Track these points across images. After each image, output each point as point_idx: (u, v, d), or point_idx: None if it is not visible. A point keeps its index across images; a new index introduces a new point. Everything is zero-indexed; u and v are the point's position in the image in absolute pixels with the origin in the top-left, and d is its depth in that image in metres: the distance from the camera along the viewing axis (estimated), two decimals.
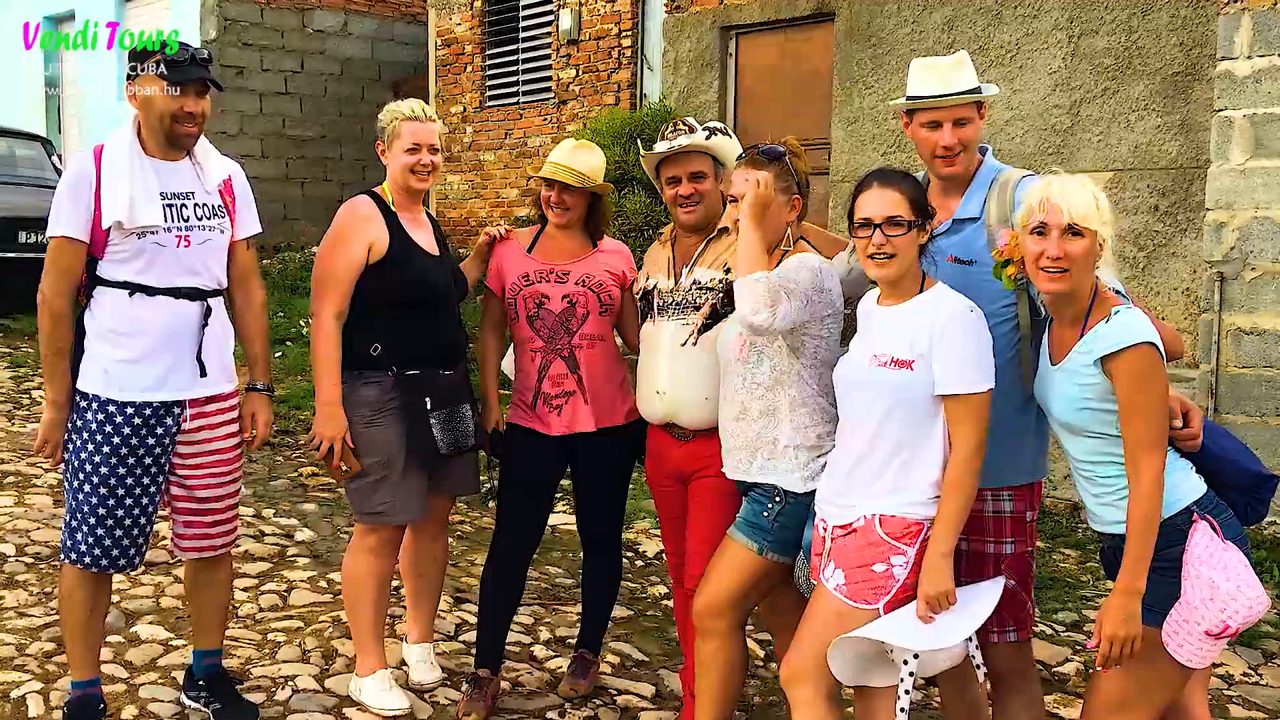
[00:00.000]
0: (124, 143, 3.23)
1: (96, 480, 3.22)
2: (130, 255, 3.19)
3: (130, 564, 3.34)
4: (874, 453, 2.79)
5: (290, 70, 13.69)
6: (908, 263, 2.81)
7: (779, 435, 3.10)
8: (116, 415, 3.22)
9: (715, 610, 3.13)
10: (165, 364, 3.25)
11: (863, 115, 8.12)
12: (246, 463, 6.53)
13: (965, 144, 2.97)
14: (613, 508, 3.91)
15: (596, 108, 10.33)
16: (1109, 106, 6.99)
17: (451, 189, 12.21)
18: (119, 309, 3.21)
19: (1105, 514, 2.71)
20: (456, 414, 3.55)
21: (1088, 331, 2.64)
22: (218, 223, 3.34)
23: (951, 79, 2.96)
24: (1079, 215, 2.59)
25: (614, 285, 3.73)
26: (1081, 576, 5.34)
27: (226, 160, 3.44)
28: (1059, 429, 2.77)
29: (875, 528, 2.76)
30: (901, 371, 2.74)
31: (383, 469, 3.52)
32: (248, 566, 4.88)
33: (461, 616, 4.53)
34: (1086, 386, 2.62)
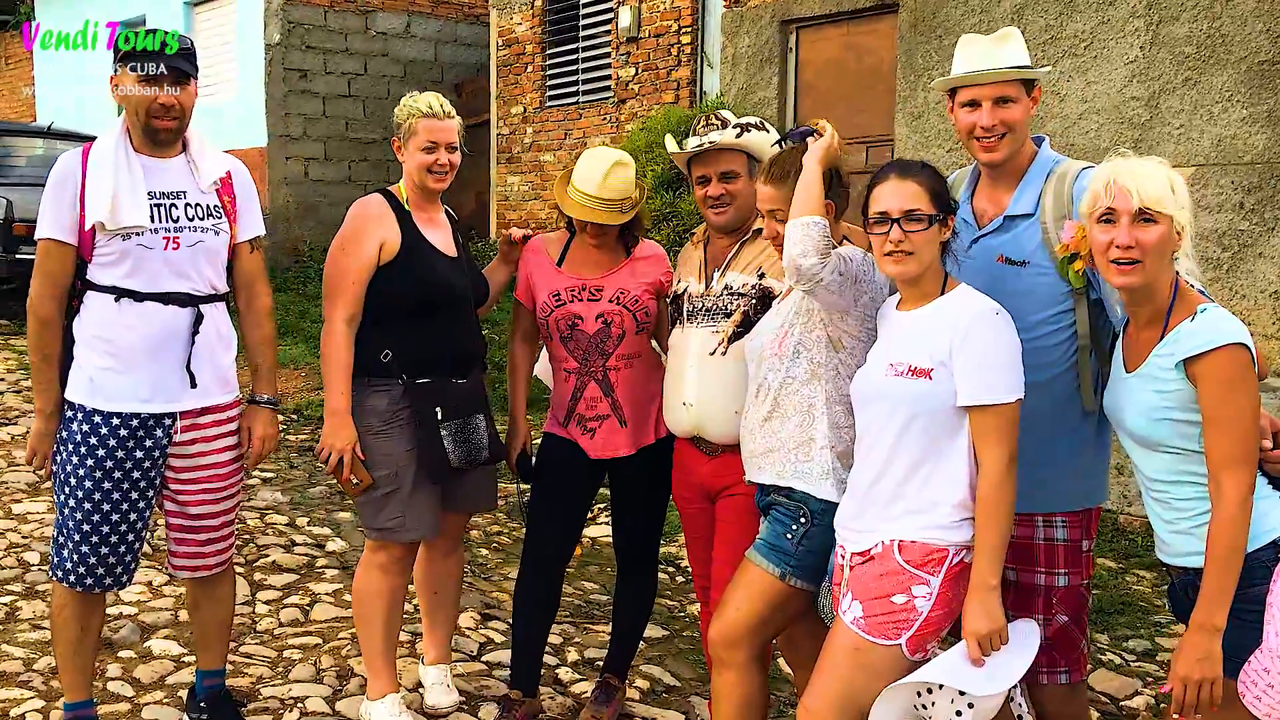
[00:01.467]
0: (112, 140, 3.07)
1: (81, 495, 3.07)
2: (116, 258, 3.03)
3: (118, 583, 3.18)
4: (891, 470, 2.53)
5: (353, 73, 13.68)
6: (927, 261, 2.54)
7: (815, 434, 2.84)
8: (102, 426, 3.06)
9: (731, 639, 2.87)
10: (152, 374, 3.08)
11: (928, 110, 7.79)
12: (287, 469, 6.50)
13: (1009, 126, 2.67)
14: (650, 526, 3.69)
15: (656, 106, 10.10)
16: (1190, 98, 6.57)
17: (512, 190, 12.08)
18: (105, 315, 3.05)
19: (1179, 543, 2.40)
20: (469, 425, 3.34)
21: (1169, 331, 2.34)
22: (212, 224, 3.16)
23: (994, 54, 2.67)
24: (1151, 199, 2.29)
25: (650, 299, 3.49)
26: (1156, 600, 4.97)
27: (225, 157, 3.26)
28: (1131, 444, 2.47)
29: (894, 555, 2.49)
30: (919, 381, 2.48)
31: (392, 482, 3.32)
32: (274, 578, 4.74)
33: (487, 635, 4.32)
34: (1167, 394, 2.33)
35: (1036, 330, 2.67)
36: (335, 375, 3.27)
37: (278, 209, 13.17)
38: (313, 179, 13.44)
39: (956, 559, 2.48)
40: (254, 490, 6.03)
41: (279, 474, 6.39)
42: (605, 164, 3.36)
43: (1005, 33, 2.73)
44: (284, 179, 13.24)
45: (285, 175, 13.24)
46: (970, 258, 2.74)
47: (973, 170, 2.87)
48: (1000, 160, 2.71)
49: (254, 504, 5.78)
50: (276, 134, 13.14)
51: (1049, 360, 2.66)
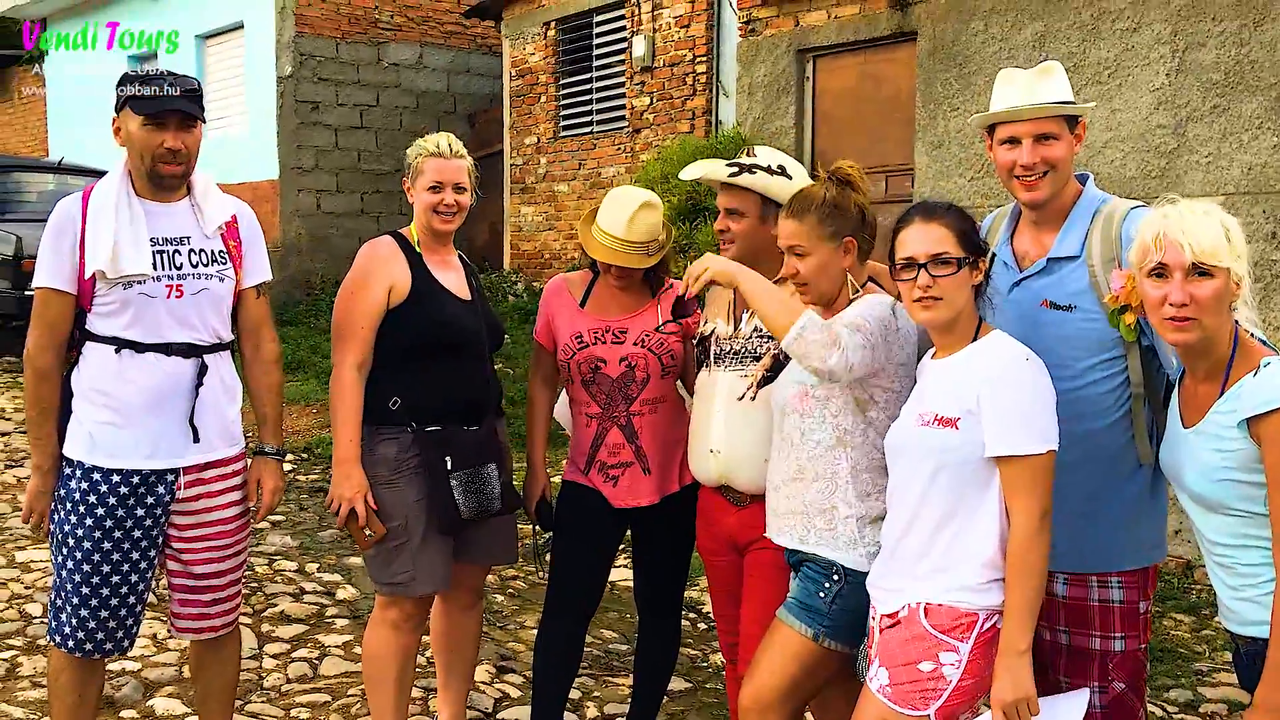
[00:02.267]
0: (113, 184, 2.94)
1: (80, 555, 2.92)
2: (117, 308, 2.89)
3: (118, 648, 3.03)
4: (917, 525, 2.41)
5: (366, 104, 13.62)
6: (959, 306, 2.41)
7: (838, 504, 2.70)
8: (101, 484, 2.91)
9: (763, 705, 2.71)
10: (153, 428, 2.94)
11: (948, 139, 7.65)
12: (297, 511, 6.35)
13: (1051, 164, 2.53)
14: (674, 576, 3.55)
15: (670, 136, 10.00)
16: (1219, 125, 6.42)
17: (525, 220, 11.98)
18: (104, 367, 2.91)
19: (1245, 611, 2.23)
20: (480, 475, 3.19)
21: (1230, 385, 2.18)
22: (217, 270, 3.02)
23: (1034, 89, 2.53)
24: (1205, 252, 2.14)
25: (676, 341, 3.35)
26: (1196, 646, 4.78)
27: (230, 200, 3.13)
28: (1191, 504, 2.31)
29: (920, 620, 2.36)
30: (945, 431, 2.35)
31: (401, 534, 3.17)
32: (282, 629, 4.59)
33: (503, 689, 4.16)
34: (1228, 453, 2.17)
35: (1084, 378, 2.52)
36: (343, 423, 3.15)
37: (289, 241, 13.09)
38: (325, 211, 13.37)
39: (988, 624, 2.35)
40: (262, 535, 5.88)
41: (288, 517, 6.25)
42: (632, 206, 3.23)
43: (1046, 66, 2.59)
44: (296, 211, 13.17)
45: (297, 207, 13.17)
46: (1012, 302, 2.59)
47: (1013, 210, 2.73)
48: (1042, 200, 2.57)
49: (262, 549, 5.63)
50: (288, 166, 13.07)
51: (1099, 409, 2.51)
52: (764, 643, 2.78)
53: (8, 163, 12.64)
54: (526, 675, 4.27)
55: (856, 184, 2.80)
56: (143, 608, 3.06)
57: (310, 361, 10.15)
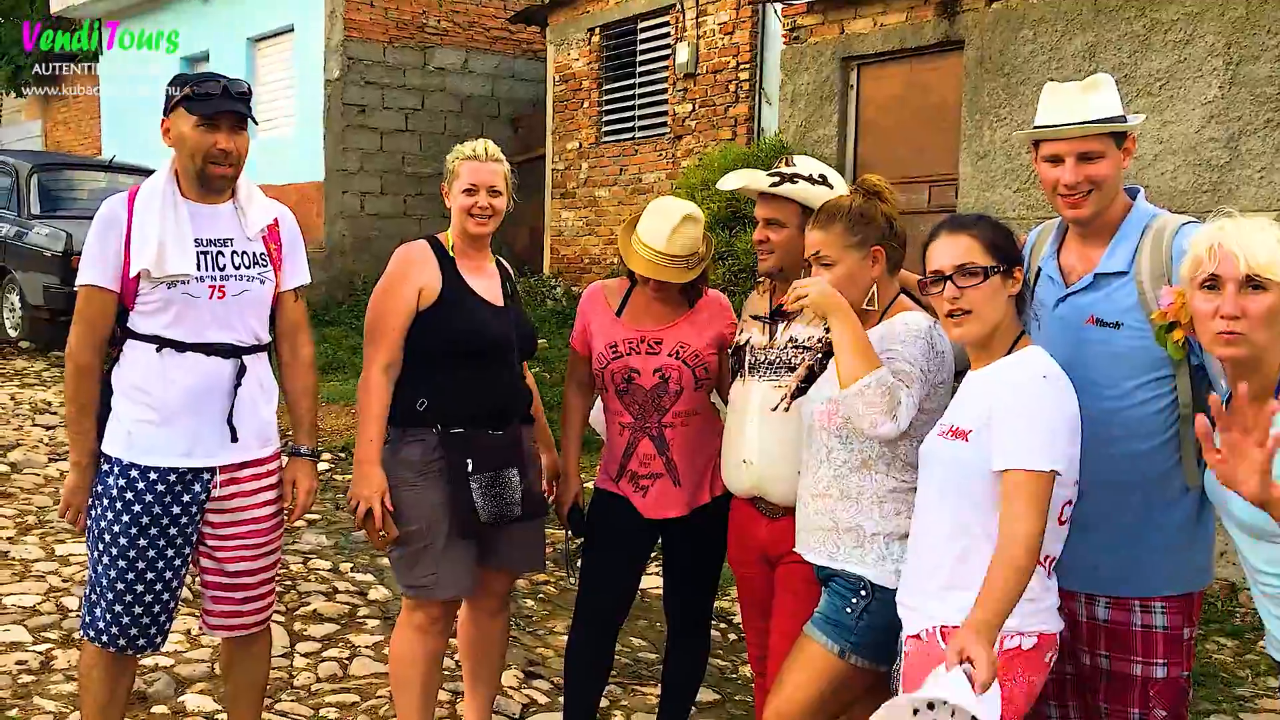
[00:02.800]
0: (159, 184, 2.97)
1: (116, 552, 2.94)
2: (159, 307, 2.91)
3: (151, 644, 3.04)
4: (932, 539, 2.38)
5: (411, 108, 13.71)
6: (991, 320, 2.36)
7: (864, 523, 2.68)
8: (139, 481, 2.93)
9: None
10: (192, 427, 2.95)
11: (994, 149, 7.56)
12: (333, 510, 6.38)
13: (1096, 183, 2.47)
14: (704, 588, 3.52)
15: (712, 143, 9.97)
16: (1272, 140, 6.29)
17: (566, 225, 12.00)
18: (145, 365, 2.93)
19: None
20: (500, 479, 3.17)
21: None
22: (258, 272, 3.04)
23: (1079, 105, 2.46)
24: (1260, 264, 2.08)
25: (712, 353, 3.32)
26: (1239, 671, 4.67)
27: (273, 204, 3.15)
28: (1238, 532, 2.24)
29: (939, 643, 2.30)
30: (956, 443, 2.32)
31: (424, 537, 3.17)
32: (314, 629, 4.60)
33: (531, 695, 4.13)
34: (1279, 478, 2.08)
35: (1131, 398, 2.46)
36: (366, 424, 3.17)
37: (334, 243, 13.20)
38: (368, 213, 13.47)
39: (1010, 645, 2.27)
40: (298, 533, 5.90)
41: (324, 516, 6.27)
42: (674, 219, 3.20)
43: (1094, 80, 2.53)
44: (340, 212, 13.28)
45: (341, 209, 13.28)
46: (1057, 318, 2.54)
47: (1060, 223, 2.67)
48: (1087, 218, 2.51)
49: (297, 547, 5.65)
50: (334, 169, 13.19)
51: (1146, 431, 2.45)
52: (790, 658, 2.74)
53: (60, 160, 12.84)
54: (554, 681, 4.25)
55: (884, 194, 2.77)
56: (176, 605, 3.07)
57: (351, 362, 10.21)
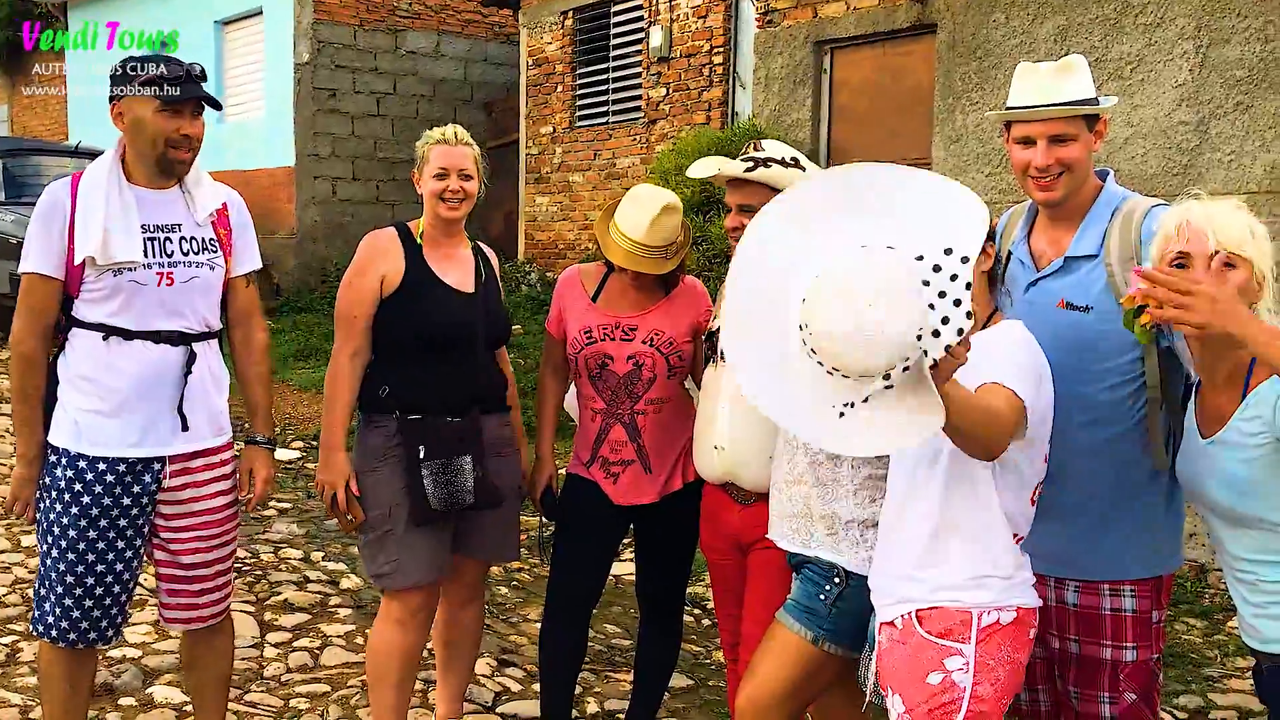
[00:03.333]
0: (104, 169, 2.89)
1: (66, 544, 2.88)
2: (106, 294, 2.85)
3: (103, 638, 2.99)
4: (908, 517, 2.33)
5: (383, 92, 13.60)
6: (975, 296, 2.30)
7: (839, 510, 2.66)
8: (87, 472, 2.87)
9: (759, 707, 2.66)
10: (142, 416, 2.90)
11: (966, 133, 7.57)
12: (304, 499, 6.33)
13: (1067, 166, 2.45)
14: (676, 574, 3.51)
15: (686, 127, 9.93)
16: (1242, 123, 6.32)
17: (540, 210, 11.94)
18: (92, 354, 2.87)
19: (1268, 629, 2.17)
20: (452, 466, 3.13)
21: (1251, 391, 2.10)
22: (208, 258, 2.99)
23: (1052, 87, 2.45)
24: (1230, 241, 2.08)
25: (686, 342, 3.30)
26: (1208, 652, 4.71)
27: (221, 188, 3.09)
28: (1213, 519, 2.23)
29: (915, 629, 2.27)
30: None
31: (384, 523, 3.16)
32: (285, 618, 4.56)
33: (504, 683, 4.11)
34: (1254, 461, 2.09)
35: (1102, 380, 2.45)
36: (331, 410, 3.20)
37: (305, 229, 13.09)
38: (340, 198, 13.36)
39: (989, 620, 2.25)
40: (269, 522, 5.86)
41: (295, 505, 6.23)
42: (653, 210, 3.17)
43: (1067, 62, 2.51)
44: (312, 198, 13.16)
45: (313, 194, 13.17)
46: (1027, 302, 2.52)
47: (1030, 207, 2.65)
48: (1057, 200, 2.50)
49: (268, 537, 5.61)
50: (305, 153, 13.06)
51: (1116, 414, 2.44)
52: (763, 644, 2.72)
53: (25, 146, 12.65)
54: (528, 669, 4.24)
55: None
56: (129, 598, 3.02)
57: (324, 349, 10.13)
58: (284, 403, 8.63)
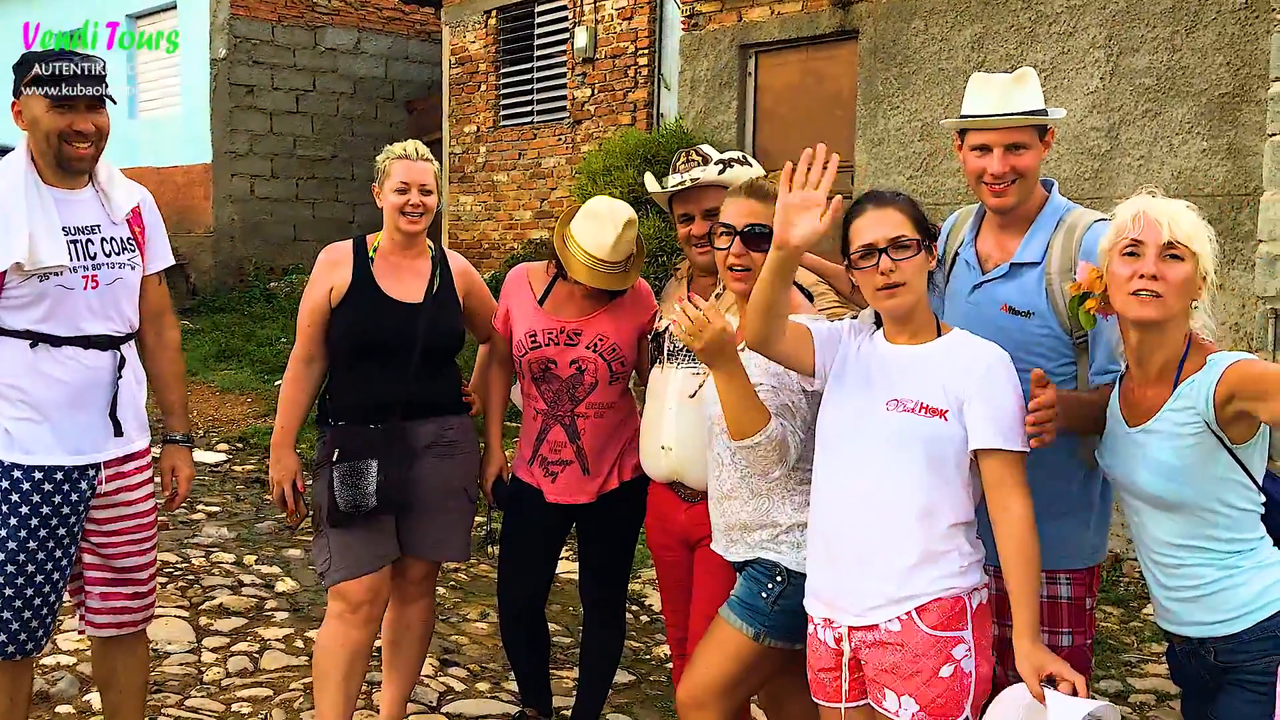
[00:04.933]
0: (18, 171, 2.81)
1: (4, 556, 2.82)
2: (30, 300, 2.79)
3: (37, 647, 2.94)
4: (893, 518, 2.35)
5: (302, 89, 13.42)
6: (920, 291, 2.40)
7: (778, 518, 2.71)
8: (23, 482, 2.82)
9: (700, 701, 2.73)
10: (75, 423, 2.87)
11: (888, 137, 7.75)
12: (234, 502, 6.25)
13: (1021, 173, 2.57)
14: (617, 572, 3.58)
15: (612, 128, 9.99)
16: (1150, 129, 6.58)
17: (465, 210, 11.89)
18: (19, 362, 2.81)
19: (1182, 612, 2.28)
20: (356, 469, 3.19)
21: (1183, 382, 2.21)
22: (128, 258, 2.96)
23: (1010, 96, 2.56)
24: (1182, 233, 2.19)
25: (629, 348, 3.37)
26: (1125, 638, 4.91)
27: (135, 186, 3.06)
28: (1140, 506, 2.33)
29: (918, 626, 2.32)
30: (933, 420, 2.32)
31: (317, 523, 3.28)
32: (220, 623, 4.52)
33: (447, 683, 4.13)
34: (1185, 450, 2.19)
35: None
36: (281, 409, 3.37)
37: (222, 227, 12.86)
38: (259, 196, 13.15)
39: (976, 603, 2.36)
40: (198, 526, 5.78)
41: (224, 508, 6.15)
42: (617, 227, 3.21)
43: (1022, 74, 2.62)
44: (229, 196, 12.94)
45: (230, 192, 12.94)
46: (972, 303, 2.63)
47: (978, 210, 2.76)
48: (1009, 206, 2.61)
49: (198, 540, 5.54)
50: (222, 150, 12.84)
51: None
52: (704, 640, 2.79)
53: None
54: (470, 669, 4.26)
55: None
56: (60, 605, 2.98)
57: (244, 350, 9.99)
58: (207, 405, 8.50)
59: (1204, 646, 2.24)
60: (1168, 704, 4.23)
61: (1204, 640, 2.23)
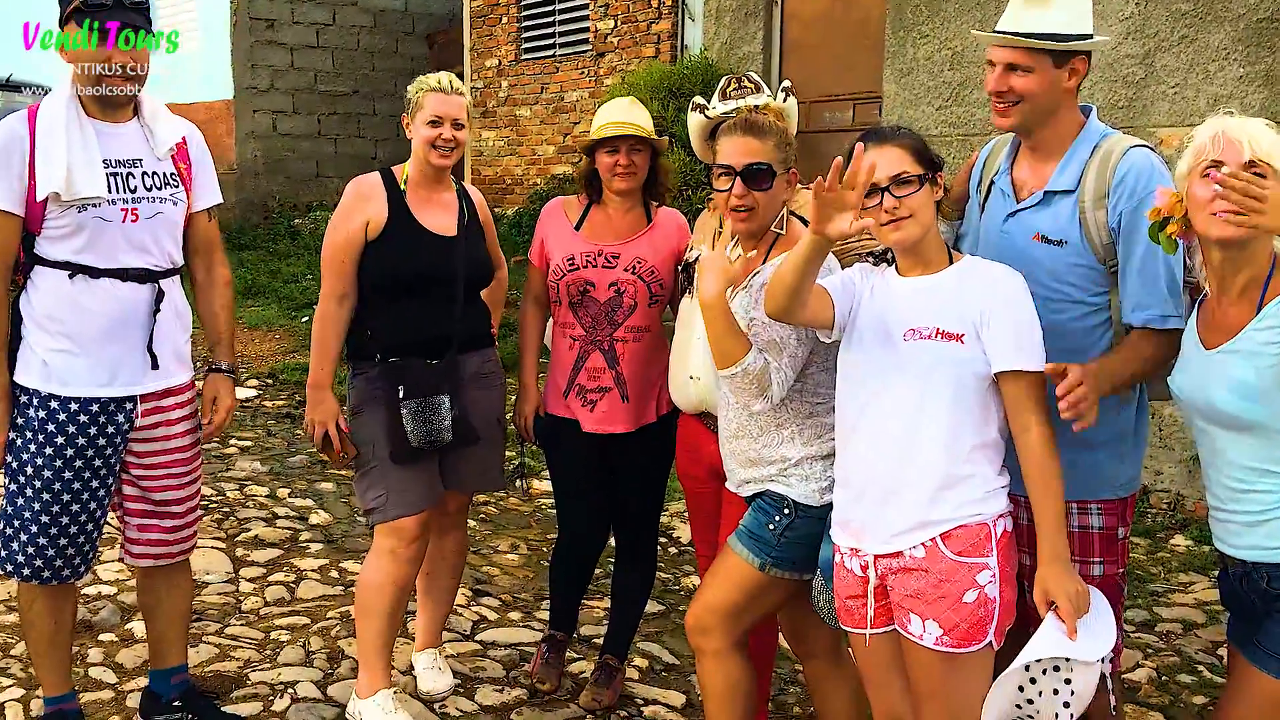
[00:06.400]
0: (61, 102, 2.83)
1: (39, 484, 2.88)
2: (70, 231, 2.81)
3: (75, 574, 3.00)
4: (916, 446, 2.37)
5: (321, 23, 13.29)
6: (927, 223, 2.41)
7: (788, 453, 2.72)
8: (60, 412, 2.86)
9: (703, 626, 2.78)
10: (112, 355, 2.89)
11: (917, 66, 7.62)
12: (265, 437, 6.33)
13: (1022, 95, 2.53)
14: (649, 505, 3.61)
15: (635, 60, 9.87)
16: (1186, 56, 6.44)
17: (487, 145, 11.82)
18: (58, 293, 2.84)
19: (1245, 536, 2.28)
20: (429, 405, 3.19)
21: (1268, 303, 2.19)
22: (170, 193, 2.97)
23: (1020, 17, 2.53)
24: (1265, 151, 2.16)
25: (667, 272, 3.37)
26: (1151, 568, 4.93)
27: (180, 122, 3.07)
28: (1213, 428, 2.30)
29: (943, 552, 2.35)
30: (951, 345, 2.34)
31: (370, 460, 3.25)
32: (257, 554, 4.60)
33: (480, 612, 4.20)
34: (1268, 369, 2.17)
35: (1071, 311, 2.55)
36: (317, 351, 3.29)
37: (245, 164, 12.84)
38: (281, 132, 13.10)
39: (1000, 530, 2.37)
40: (231, 460, 5.86)
41: (256, 443, 6.23)
42: (623, 101, 3.36)
43: None
44: (251, 133, 12.90)
45: (252, 129, 12.90)
46: (1005, 233, 2.61)
47: (1014, 138, 2.72)
48: (1008, 127, 2.59)
49: (232, 474, 5.62)
50: (243, 86, 12.77)
51: (1084, 344, 2.54)
52: (713, 567, 2.84)
53: None
54: (502, 599, 4.33)
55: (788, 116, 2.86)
56: (99, 534, 3.03)
57: (270, 287, 10.03)
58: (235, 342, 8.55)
59: (1258, 571, 2.24)
60: (1194, 633, 4.26)
61: (1259, 565, 2.24)
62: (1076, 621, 2.27)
